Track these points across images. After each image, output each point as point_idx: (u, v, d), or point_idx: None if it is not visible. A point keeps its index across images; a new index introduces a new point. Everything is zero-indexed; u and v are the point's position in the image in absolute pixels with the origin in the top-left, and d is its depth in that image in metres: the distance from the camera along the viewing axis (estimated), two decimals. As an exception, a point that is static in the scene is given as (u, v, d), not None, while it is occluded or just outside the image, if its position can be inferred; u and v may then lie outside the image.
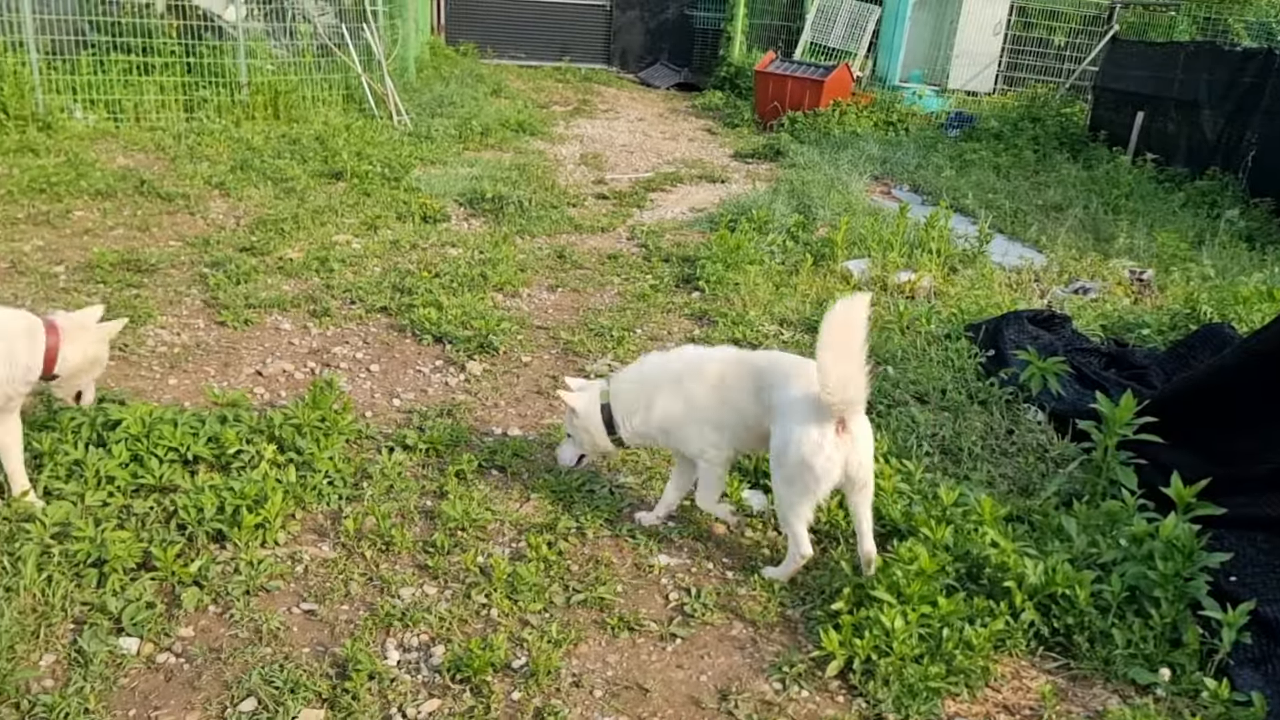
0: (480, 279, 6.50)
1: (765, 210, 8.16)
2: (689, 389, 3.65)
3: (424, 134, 11.00)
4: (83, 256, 6.38)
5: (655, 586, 3.54)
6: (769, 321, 6.03)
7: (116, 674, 2.90)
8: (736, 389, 3.57)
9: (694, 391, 3.64)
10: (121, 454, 3.79)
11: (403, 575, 3.46)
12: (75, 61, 10.28)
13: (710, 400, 3.61)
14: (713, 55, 17.98)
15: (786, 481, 3.35)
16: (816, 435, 3.23)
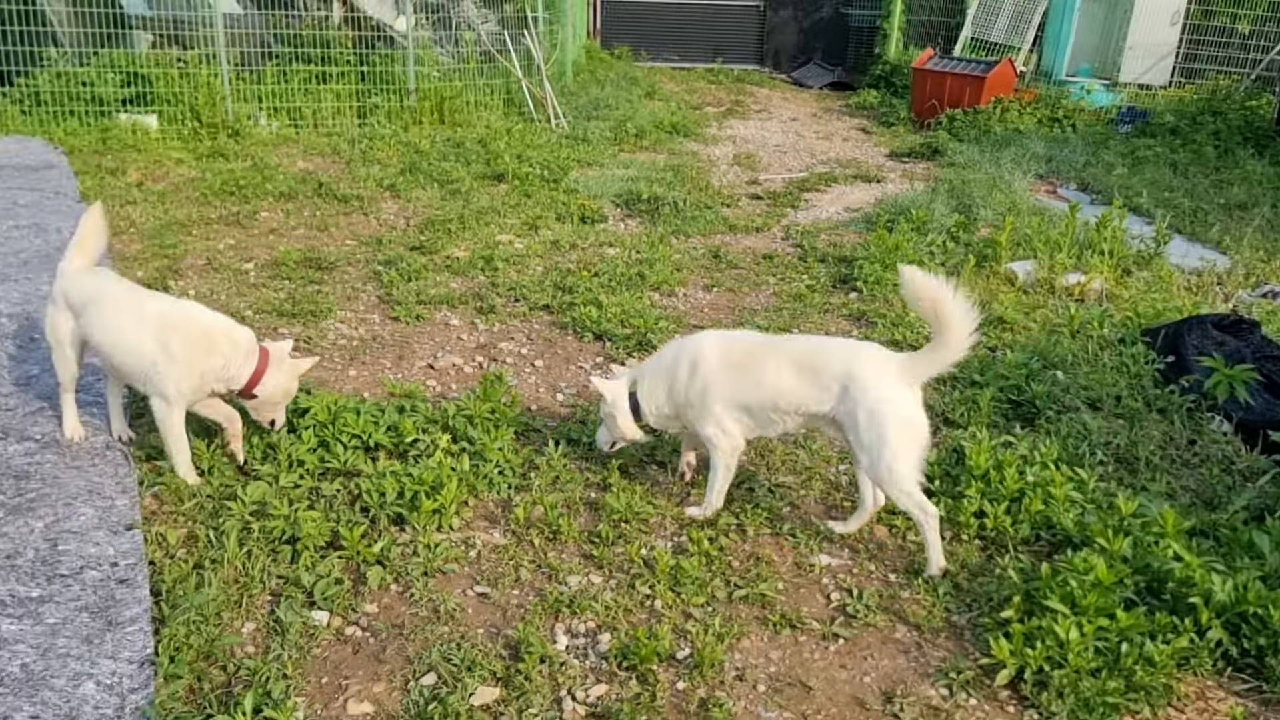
0: (638, 278, 6.61)
1: (924, 210, 7.99)
2: (704, 372, 3.70)
3: (581, 136, 11.24)
4: (269, 254, 6.82)
5: (816, 586, 3.54)
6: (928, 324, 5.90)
7: (310, 644, 3.11)
8: (775, 372, 3.60)
9: (713, 374, 3.69)
10: (310, 440, 4.05)
11: (569, 564, 3.57)
12: (261, 72, 10.97)
13: (733, 381, 3.67)
14: (868, 53, 17.67)
15: (893, 452, 3.40)
16: (910, 397, 3.45)
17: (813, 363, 3.58)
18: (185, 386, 3.75)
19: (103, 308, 3.85)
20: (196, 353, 3.74)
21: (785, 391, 3.60)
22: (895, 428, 3.40)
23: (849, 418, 3.51)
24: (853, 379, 3.49)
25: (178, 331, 3.74)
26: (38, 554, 3.30)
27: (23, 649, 2.84)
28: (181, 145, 9.79)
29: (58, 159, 8.92)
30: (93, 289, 3.94)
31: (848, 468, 4.32)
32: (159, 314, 3.80)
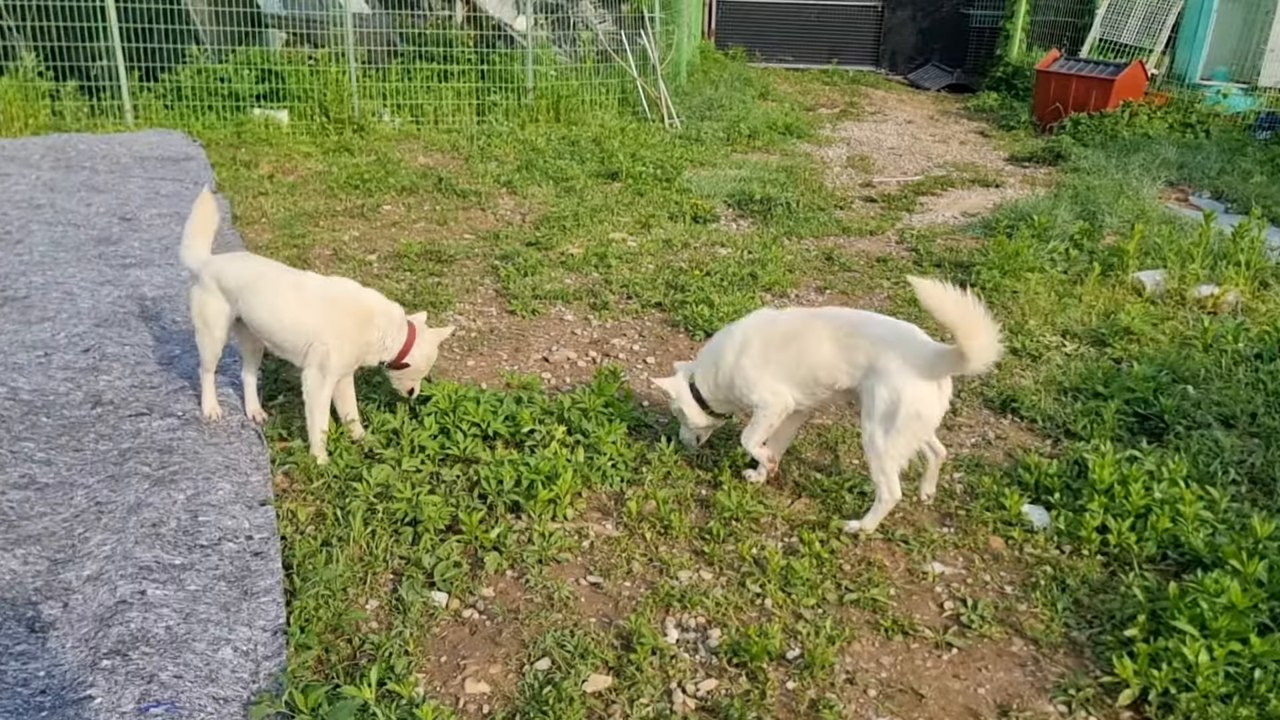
0: (749, 278, 6.61)
1: (1046, 216, 7.77)
2: (756, 349, 3.90)
3: (694, 136, 11.28)
4: (391, 247, 7.04)
5: (929, 593, 3.49)
6: (1050, 332, 5.76)
7: (429, 623, 3.21)
8: (815, 345, 3.76)
9: (763, 349, 3.88)
10: (431, 426, 4.18)
11: (680, 559, 3.61)
12: (386, 70, 11.31)
13: (780, 356, 3.84)
14: (988, 55, 17.25)
15: (895, 432, 3.57)
16: (927, 389, 3.54)
17: (850, 339, 3.71)
18: (347, 359, 4.03)
19: (264, 289, 4.06)
20: (357, 327, 4.00)
21: (823, 365, 3.77)
22: (905, 416, 3.55)
23: (868, 394, 3.66)
24: (881, 359, 3.62)
25: (340, 308, 4.01)
26: (180, 524, 3.49)
27: (167, 612, 3.01)
28: (310, 140, 10.18)
29: (196, 151, 9.37)
30: (250, 272, 4.14)
31: (963, 475, 4.25)
32: (322, 292, 4.05)
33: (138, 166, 8.68)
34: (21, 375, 4.55)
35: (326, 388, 4.02)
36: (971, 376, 4.69)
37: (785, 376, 3.84)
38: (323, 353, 3.95)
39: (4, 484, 3.69)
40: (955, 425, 4.73)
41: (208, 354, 4.25)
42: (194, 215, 4.29)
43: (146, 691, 2.68)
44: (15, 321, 5.18)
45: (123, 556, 3.27)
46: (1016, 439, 4.62)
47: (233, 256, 4.32)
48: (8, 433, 4.07)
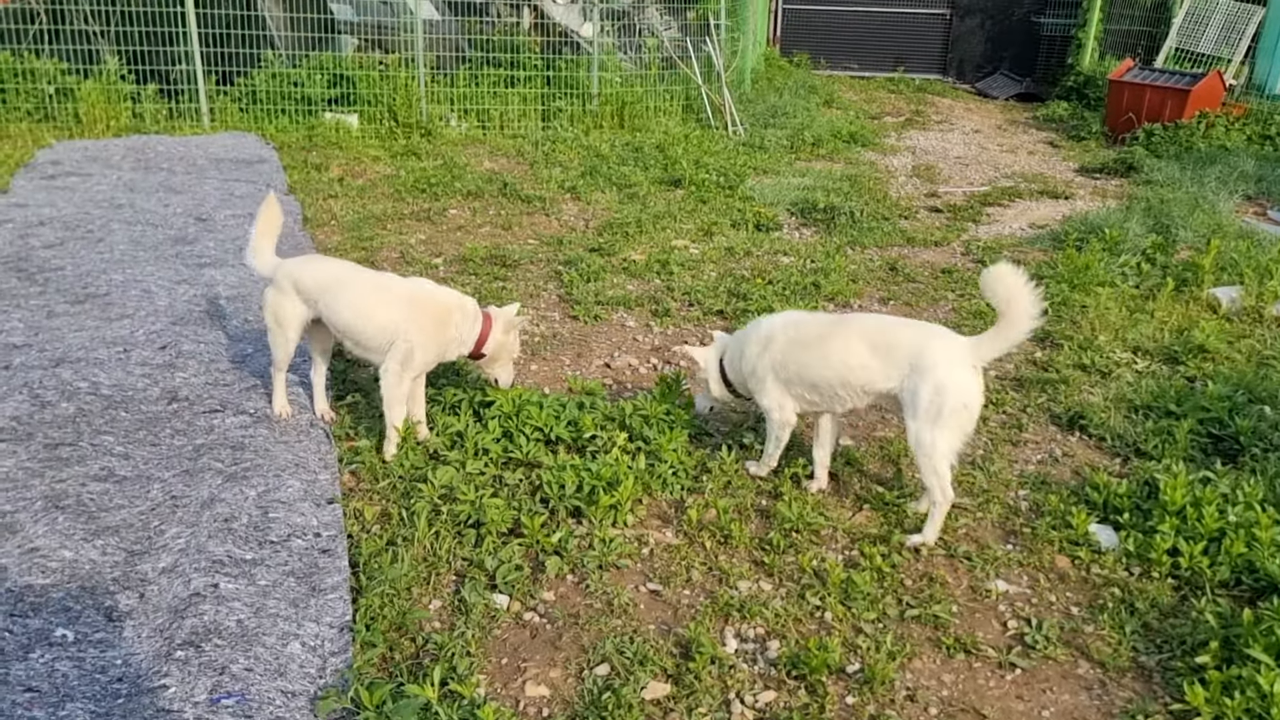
0: (812, 288, 6.58)
1: (1117, 229, 7.62)
2: (780, 346, 3.93)
3: (757, 144, 11.25)
4: (457, 250, 7.13)
5: (992, 612, 3.45)
6: (1120, 348, 5.65)
7: (491, 625, 3.25)
8: (843, 349, 3.80)
9: (785, 351, 3.92)
10: (495, 429, 4.23)
11: (740, 569, 3.60)
12: (454, 75, 11.47)
13: (805, 356, 3.88)
14: (1059, 64, 16.95)
15: (942, 427, 3.60)
16: (971, 380, 3.61)
17: (886, 341, 3.75)
18: (429, 355, 4.17)
19: (348, 289, 4.18)
20: (437, 325, 4.15)
21: (856, 368, 3.77)
22: (951, 407, 3.59)
23: (910, 394, 3.67)
24: (922, 357, 3.65)
25: (422, 306, 4.15)
26: (251, 519, 3.58)
27: (239, 606, 3.09)
28: (379, 143, 10.36)
29: (269, 154, 9.59)
30: (330, 274, 4.26)
31: (1028, 492, 4.19)
32: (405, 291, 4.21)
33: (213, 168, 8.91)
34: (102, 370, 4.70)
35: (404, 383, 4.13)
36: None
37: (803, 378, 3.89)
38: (405, 349, 4.06)
39: (85, 476, 3.82)
40: (1021, 441, 4.67)
41: (280, 353, 4.35)
42: (260, 219, 4.42)
43: (218, 682, 2.75)
44: (96, 318, 5.35)
45: (196, 550, 3.36)
46: (1084, 457, 4.53)
47: (306, 260, 4.43)
48: (89, 426, 4.21)
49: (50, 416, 4.25)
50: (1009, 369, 5.45)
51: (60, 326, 5.21)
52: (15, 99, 10.05)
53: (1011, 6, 18.28)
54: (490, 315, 4.32)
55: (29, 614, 3.06)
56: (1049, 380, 5.23)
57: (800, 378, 3.91)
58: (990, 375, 5.35)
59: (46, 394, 4.43)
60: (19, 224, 6.93)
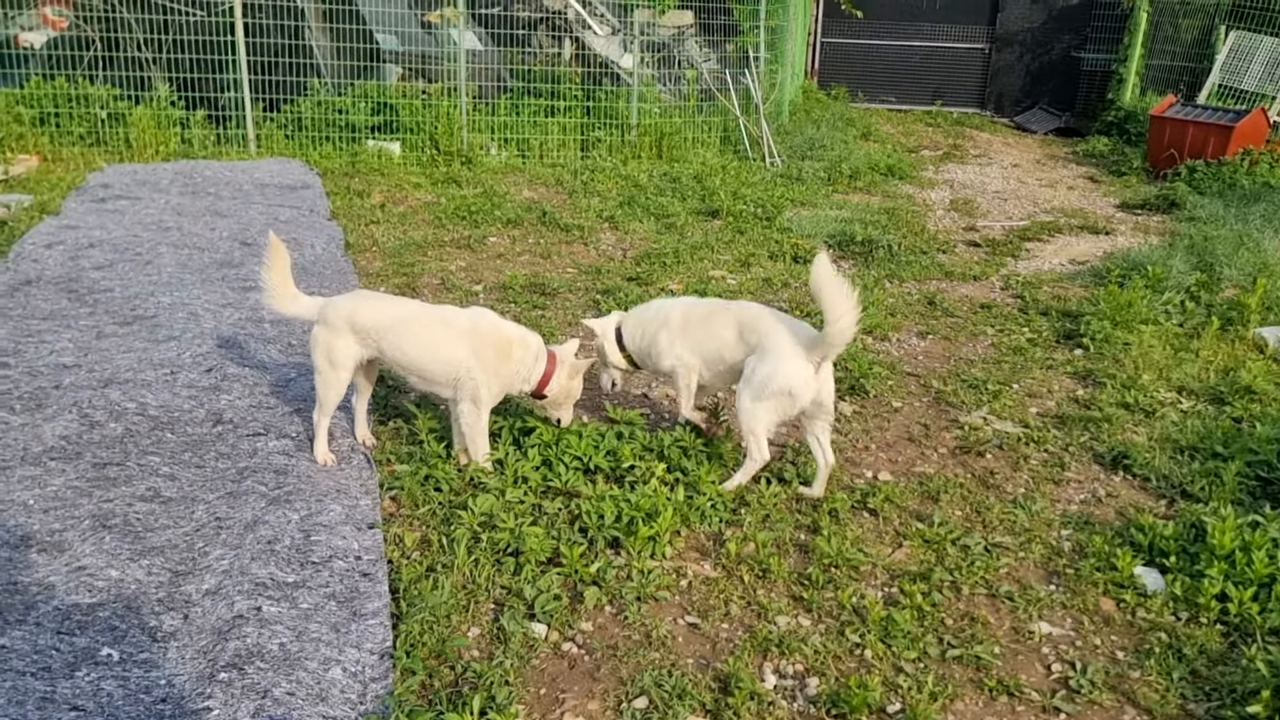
0: (851, 321, 6.55)
1: (1160, 266, 7.55)
2: (676, 324, 4.45)
3: (794, 175, 11.28)
4: (496, 278, 7.19)
5: (1035, 654, 3.40)
6: (1164, 387, 5.58)
7: (529, 654, 3.25)
8: (722, 328, 4.30)
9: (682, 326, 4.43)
10: (535, 458, 4.24)
11: (779, 603, 3.58)
12: (495, 105, 11.61)
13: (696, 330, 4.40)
14: (1099, 99, 16.86)
15: (764, 402, 4.08)
16: (801, 371, 4.03)
17: (749, 326, 4.22)
18: (494, 390, 4.19)
19: (412, 326, 4.16)
20: (498, 358, 4.15)
21: (727, 345, 4.30)
22: (774, 389, 4.04)
23: (749, 370, 4.16)
24: (766, 343, 4.12)
25: (484, 338, 4.15)
26: (293, 542, 3.61)
27: (281, 629, 3.12)
28: (420, 171, 10.50)
29: (313, 180, 9.74)
30: (391, 313, 4.20)
31: (1071, 533, 4.14)
32: (467, 324, 4.19)
33: (258, 193, 9.06)
34: (150, 392, 4.78)
35: (483, 418, 4.19)
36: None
37: (695, 349, 4.39)
38: (472, 387, 4.10)
39: (132, 496, 3.87)
40: (1063, 480, 4.62)
41: (331, 395, 4.22)
42: (272, 262, 4.24)
43: (260, 706, 2.77)
44: (144, 340, 5.44)
45: (240, 572, 3.40)
46: (1128, 497, 4.48)
47: (358, 297, 4.38)
48: (136, 447, 4.27)
49: (99, 436, 4.33)
50: (1050, 406, 5.40)
51: (109, 347, 5.30)
52: (69, 123, 10.29)
53: (1051, 41, 18.25)
54: (555, 355, 4.30)
55: (76, 632, 3.10)
56: (1091, 419, 5.17)
57: (687, 346, 4.41)
58: (1031, 412, 5.31)
59: (95, 414, 4.50)
60: (70, 246, 7.08)
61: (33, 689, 2.82)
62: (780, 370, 4.05)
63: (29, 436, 4.27)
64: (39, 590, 3.27)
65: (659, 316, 4.53)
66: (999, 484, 4.56)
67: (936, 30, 18.67)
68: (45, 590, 3.28)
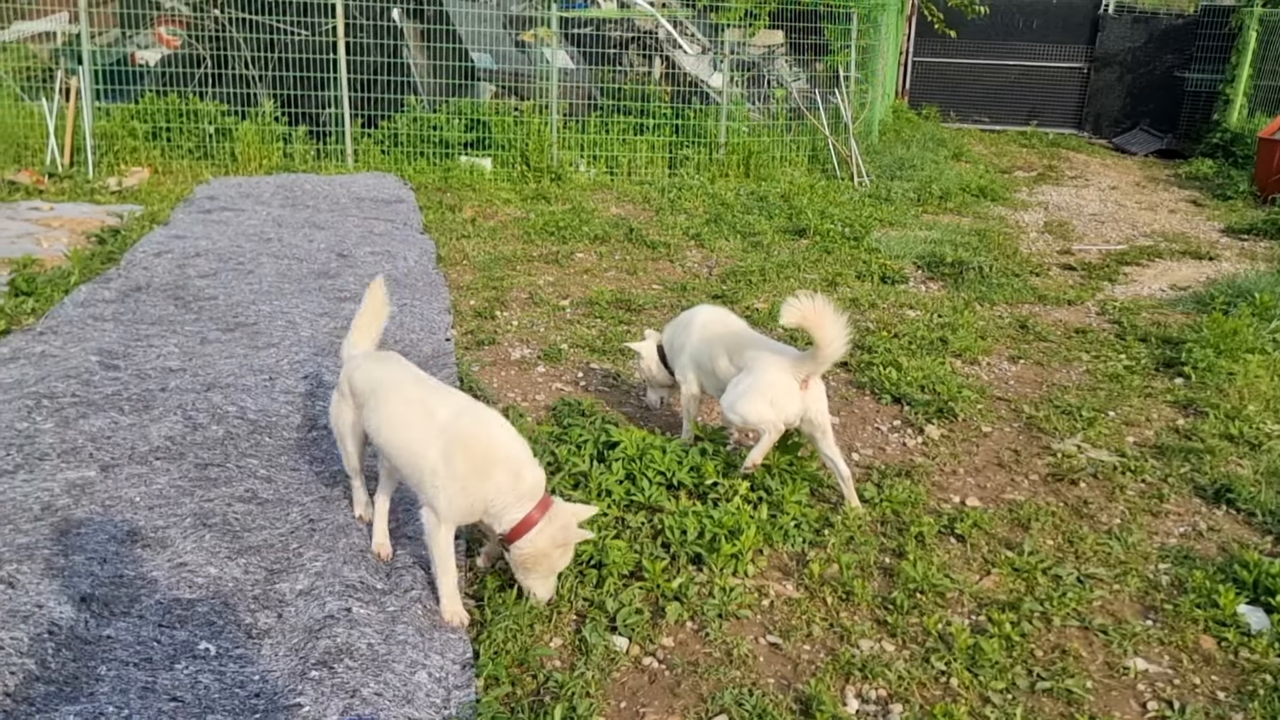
0: (939, 343, 6.47)
1: (1268, 293, 7.26)
2: (683, 338, 4.74)
3: (884, 196, 11.17)
4: (583, 293, 7.27)
5: (1130, 691, 3.29)
6: (1271, 419, 5.36)
7: (610, 667, 3.27)
8: (718, 345, 4.52)
9: (686, 340, 4.72)
10: (619, 472, 4.26)
11: (861, 627, 3.54)
12: (585, 122, 11.76)
13: (697, 348, 4.65)
14: (1203, 120, 16.35)
15: (747, 405, 4.17)
16: (784, 382, 4.15)
17: (739, 349, 4.42)
18: (458, 507, 3.30)
19: (391, 399, 3.53)
20: (476, 475, 3.27)
21: (720, 362, 4.51)
22: (759, 394, 4.15)
23: (735, 381, 4.31)
24: (753, 363, 4.28)
25: (464, 446, 3.30)
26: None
27: (370, 631, 3.19)
28: (510, 186, 10.68)
29: (406, 194, 9.99)
30: (377, 376, 3.64)
31: (1170, 566, 3.99)
32: (451, 423, 3.36)
33: (354, 206, 9.33)
34: (250, 397, 4.95)
35: (445, 537, 3.32)
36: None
37: (696, 363, 4.65)
38: (433, 493, 3.29)
39: (231, 496, 4.01)
40: (1161, 512, 4.46)
41: (346, 463, 3.87)
42: (363, 307, 3.90)
43: (349, 705, 2.84)
44: (246, 346, 5.63)
45: (332, 574, 3.49)
46: (1231, 532, 4.31)
47: (367, 357, 3.83)
48: (235, 449, 4.42)
49: (201, 438, 4.49)
50: (1148, 435, 5.23)
51: (212, 353, 5.50)
52: (179, 138, 10.75)
53: (1153, 61, 17.77)
54: (549, 505, 3.32)
55: (176, 626, 3.21)
56: (1193, 449, 5.00)
57: (698, 362, 4.65)
58: (1128, 441, 5.15)
59: (198, 416, 4.68)
60: (177, 254, 7.38)
61: (135, 679, 2.93)
62: (762, 382, 4.17)
63: (136, 436, 4.45)
64: (143, 584, 3.41)
65: (682, 331, 4.81)
66: (1093, 514, 4.43)
67: (1033, 49, 18.34)
68: (148, 584, 3.41)
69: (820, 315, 3.95)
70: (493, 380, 5.61)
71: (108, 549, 3.58)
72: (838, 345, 4.01)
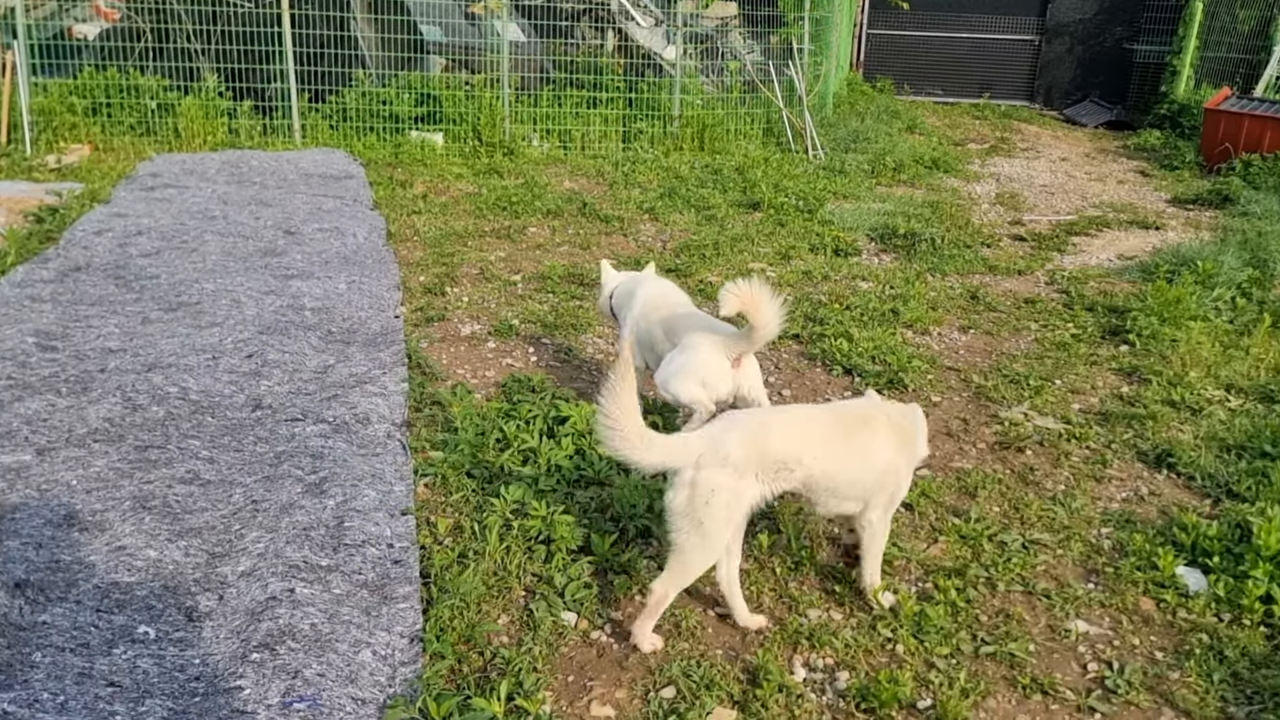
0: (891, 314, 6.50)
1: (1211, 262, 7.37)
2: (627, 308, 4.81)
3: (838, 168, 11.18)
4: (535, 268, 7.21)
5: (1071, 653, 3.34)
6: (1212, 385, 5.45)
7: (559, 642, 3.26)
8: (656, 322, 4.59)
9: (629, 311, 4.79)
10: (568, 447, 4.25)
11: (810, 597, 3.55)
12: (538, 96, 11.64)
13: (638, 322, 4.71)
14: (1152, 91, 16.54)
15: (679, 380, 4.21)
16: (714, 360, 4.22)
17: (675, 329, 4.47)
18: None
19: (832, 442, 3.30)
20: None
21: (657, 339, 4.58)
22: (690, 373, 4.20)
23: (668, 358, 4.35)
24: (686, 339, 4.33)
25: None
26: (328, 529, 3.65)
27: (313, 611, 3.15)
28: (462, 161, 10.55)
29: (356, 170, 9.83)
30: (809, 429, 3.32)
31: (1112, 530, 4.06)
32: (889, 419, 3.46)
33: (302, 183, 9.17)
34: (191, 376, 4.85)
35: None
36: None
37: (636, 336, 4.71)
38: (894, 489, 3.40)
39: (172, 478, 3.94)
40: (1105, 477, 4.53)
41: (703, 561, 3.14)
42: (618, 386, 3.11)
43: (291, 686, 2.80)
44: (188, 325, 5.53)
45: (274, 555, 3.44)
46: (1172, 496, 4.38)
47: (750, 422, 3.32)
48: (177, 430, 4.34)
49: (141, 420, 4.40)
50: (1094, 403, 5.30)
51: (153, 333, 5.39)
52: (120, 114, 10.49)
53: (1103, 33, 17.93)
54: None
55: (114, 610, 3.15)
56: (1136, 415, 5.07)
57: (638, 325, 4.69)
58: (1074, 408, 5.22)
59: (138, 398, 4.58)
60: (119, 233, 7.21)
61: (71, 665, 2.88)
62: (694, 359, 4.21)
63: (74, 419, 4.36)
64: (80, 569, 3.34)
65: (629, 293, 4.90)
66: (1039, 480, 4.49)
67: (985, 22, 18.40)
68: (86, 569, 3.34)
69: (757, 299, 4.00)
70: (442, 357, 5.56)
71: (44, 534, 3.50)
72: (773, 327, 4.06)
